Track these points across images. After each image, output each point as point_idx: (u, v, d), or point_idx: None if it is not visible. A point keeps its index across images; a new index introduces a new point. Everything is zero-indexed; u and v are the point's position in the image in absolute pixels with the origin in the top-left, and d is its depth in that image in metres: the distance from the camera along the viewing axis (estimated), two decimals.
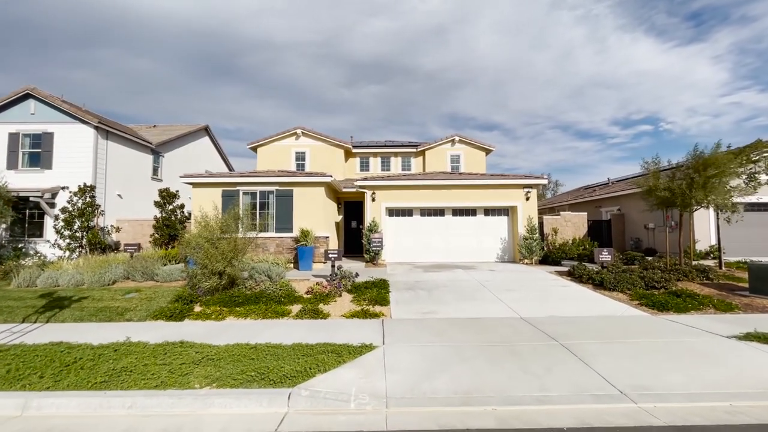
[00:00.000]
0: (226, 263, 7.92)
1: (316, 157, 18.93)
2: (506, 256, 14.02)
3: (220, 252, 7.75)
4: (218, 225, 8.21)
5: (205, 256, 7.74)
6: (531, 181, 13.59)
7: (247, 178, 12.71)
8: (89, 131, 14.96)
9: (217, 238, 7.93)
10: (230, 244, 7.98)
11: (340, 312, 7.25)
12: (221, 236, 8.11)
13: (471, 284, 9.55)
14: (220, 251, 7.75)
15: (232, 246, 8.02)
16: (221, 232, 8.16)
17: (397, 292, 8.64)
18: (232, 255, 8.01)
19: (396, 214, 14.19)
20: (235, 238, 8.15)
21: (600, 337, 5.57)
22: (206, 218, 8.36)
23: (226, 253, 7.86)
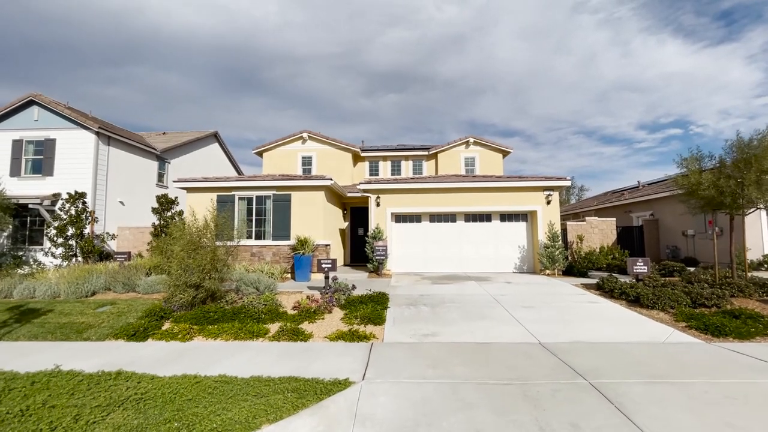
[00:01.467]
0: (203, 275, 7.05)
1: (323, 161, 18.15)
2: (525, 267, 12.69)
3: (196, 263, 6.89)
4: (196, 233, 7.36)
5: (179, 267, 6.90)
6: (552, 183, 12.29)
7: (243, 182, 11.98)
8: (90, 137, 14.66)
9: (193, 248, 7.08)
10: (207, 254, 7.11)
11: (325, 332, 6.23)
12: (200, 245, 7.25)
13: (483, 299, 8.36)
14: (196, 262, 6.89)
15: (209, 257, 7.14)
16: (199, 240, 7.31)
17: (396, 309, 7.55)
18: (210, 266, 7.14)
19: (403, 220, 13.12)
20: (213, 248, 7.27)
21: (642, 374, 4.33)
22: (183, 224, 7.55)
23: (203, 265, 7.00)
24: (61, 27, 56.09)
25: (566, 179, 12.22)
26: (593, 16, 63.96)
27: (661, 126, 72.00)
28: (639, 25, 65.75)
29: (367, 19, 64.37)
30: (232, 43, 66.46)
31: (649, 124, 72.96)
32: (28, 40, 58.23)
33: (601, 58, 68.84)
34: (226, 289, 9.15)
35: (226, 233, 8.03)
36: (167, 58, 70.66)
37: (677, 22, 69.21)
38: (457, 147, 18.87)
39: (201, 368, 4.62)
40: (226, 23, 59.61)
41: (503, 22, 64.98)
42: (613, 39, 66.64)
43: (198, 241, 7.21)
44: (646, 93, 71.77)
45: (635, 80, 69.85)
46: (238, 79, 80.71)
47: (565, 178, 12.23)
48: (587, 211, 22.02)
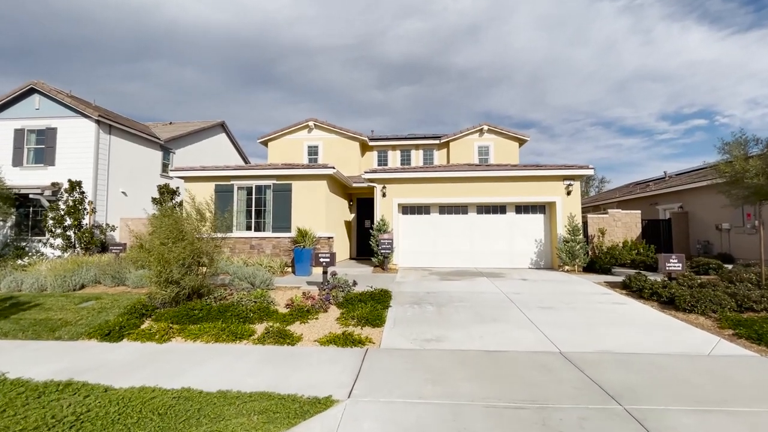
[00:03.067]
0: (185, 270, 6.48)
1: (329, 151, 17.47)
2: (542, 262, 11.81)
3: (174, 257, 6.31)
4: (175, 223, 6.77)
5: (158, 262, 6.33)
6: (573, 172, 11.32)
7: (242, 171, 11.40)
8: (90, 125, 14.31)
9: (173, 240, 6.50)
10: (187, 247, 6.51)
11: (316, 335, 5.59)
12: (181, 237, 6.67)
13: (495, 298, 7.59)
14: (174, 256, 6.31)
15: (189, 249, 6.55)
16: (180, 232, 6.72)
17: (399, 308, 6.86)
18: (191, 260, 6.56)
19: (410, 212, 12.37)
20: (192, 240, 6.67)
21: (690, 398, 3.53)
22: (165, 214, 6.98)
23: (182, 258, 6.41)
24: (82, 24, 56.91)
25: (588, 167, 11.23)
26: (613, 3, 61.09)
27: (684, 117, 68.72)
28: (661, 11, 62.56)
29: (380, 10, 63.04)
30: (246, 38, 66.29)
31: (671, 115, 69.74)
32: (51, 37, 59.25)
33: (621, 47, 65.86)
34: (218, 283, 8.63)
35: (215, 223, 7.42)
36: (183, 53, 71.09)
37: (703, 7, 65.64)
38: (470, 135, 17.92)
39: (167, 378, 4.02)
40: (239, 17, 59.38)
41: (519, 12, 62.76)
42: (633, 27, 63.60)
43: (179, 232, 6.62)
44: (668, 82, 68.59)
45: (657, 69, 66.74)
46: (252, 73, 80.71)
47: (587, 167, 11.24)
48: (608, 203, 20.81)
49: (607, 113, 74.04)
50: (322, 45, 69.41)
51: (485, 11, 61.79)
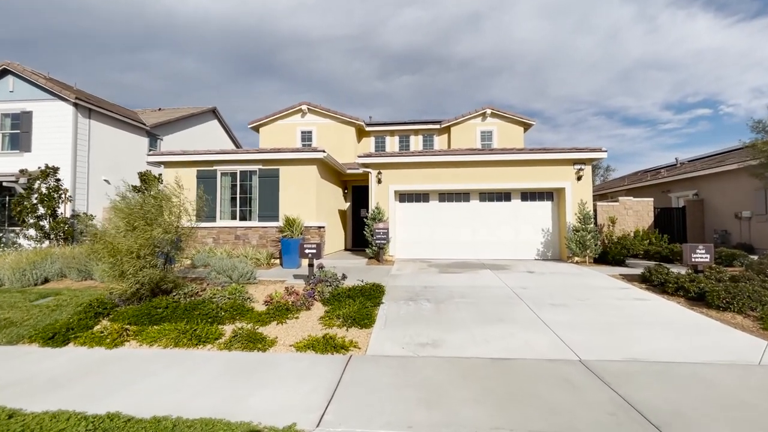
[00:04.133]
0: (142, 263, 5.67)
1: (324, 136, 16.56)
2: (549, 253, 11.00)
3: (126, 247, 5.50)
4: (136, 209, 5.95)
5: (107, 253, 5.53)
6: (584, 155, 10.43)
7: (226, 155, 10.55)
8: (67, 108, 13.42)
9: (129, 228, 5.68)
10: (140, 237, 5.65)
11: (294, 338, 4.81)
12: (146, 224, 5.85)
13: (500, 293, 6.80)
14: (126, 246, 5.50)
15: (144, 239, 5.70)
16: (144, 220, 5.90)
17: (392, 305, 6.07)
18: (148, 251, 5.74)
19: (408, 200, 11.53)
20: (144, 228, 5.81)
21: (756, 427, 2.74)
22: (124, 200, 6.14)
23: (137, 249, 5.60)
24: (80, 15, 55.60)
25: (601, 150, 10.34)
26: None
27: (688, 106, 67.31)
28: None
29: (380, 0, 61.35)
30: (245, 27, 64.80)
31: (675, 104, 68.34)
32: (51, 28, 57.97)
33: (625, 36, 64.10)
34: (194, 276, 7.86)
35: (186, 210, 6.60)
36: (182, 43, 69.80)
37: None
38: (472, 119, 16.97)
39: (98, 397, 3.25)
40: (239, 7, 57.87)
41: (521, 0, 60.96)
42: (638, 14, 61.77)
43: (140, 220, 5.80)
44: (673, 71, 67.04)
45: (662, 58, 65.14)
46: (252, 63, 79.27)
47: (599, 149, 10.35)
48: (617, 191, 19.92)
49: (610, 103, 72.66)
50: (322, 35, 67.92)
51: None
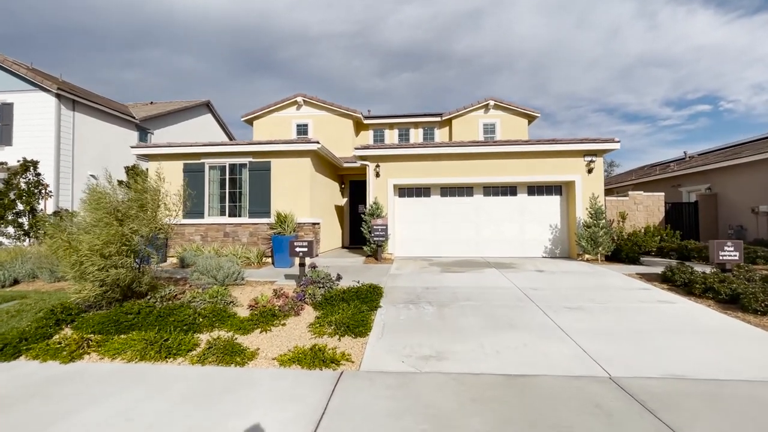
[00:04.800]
0: (107, 263, 5.06)
1: (320, 129, 15.90)
2: (558, 251, 10.40)
3: (88, 247, 4.89)
4: (104, 203, 5.33)
5: (66, 252, 4.93)
6: (596, 146, 9.80)
7: (214, 147, 9.91)
8: (50, 100, 12.78)
9: (94, 224, 5.07)
10: (103, 233, 5.03)
11: (278, 350, 4.21)
12: (107, 221, 5.24)
13: (510, 295, 6.20)
14: (88, 245, 4.89)
15: (109, 236, 5.08)
16: (113, 215, 5.28)
17: (391, 309, 5.47)
18: (115, 250, 5.13)
19: (408, 194, 10.92)
20: (118, 226, 5.20)
21: None
22: (95, 193, 5.53)
23: (101, 248, 4.98)
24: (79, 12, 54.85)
25: (614, 140, 9.70)
26: None
27: (688, 102, 66.95)
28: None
29: None
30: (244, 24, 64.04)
31: (675, 101, 68.00)
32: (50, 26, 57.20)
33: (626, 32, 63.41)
34: (178, 277, 7.27)
35: (166, 204, 6.00)
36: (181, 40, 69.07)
37: None
38: (474, 111, 16.32)
39: (40, 427, 2.66)
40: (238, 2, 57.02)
41: None
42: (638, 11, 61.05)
43: (108, 215, 5.19)
44: (673, 68, 66.55)
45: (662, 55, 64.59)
46: (252, 60, 78.59)
47: (612, 139, 9.71)
48: (623, 186, 19.30)
49: (610, 99, 72.26)
50: (322, 32, 67.09)
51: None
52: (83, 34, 62.99)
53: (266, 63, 79.59)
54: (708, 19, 60.87)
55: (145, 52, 69.52)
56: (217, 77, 79.25)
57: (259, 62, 79.59)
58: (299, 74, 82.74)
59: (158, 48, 69.82)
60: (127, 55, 69.09)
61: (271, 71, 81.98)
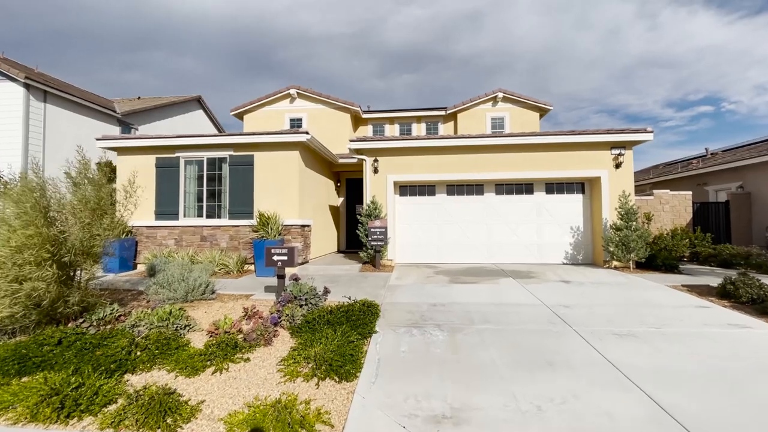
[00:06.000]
0: (20, 276, 3.88)
1: (316, 124, 14.72)
2: (580, 256, 9.18)
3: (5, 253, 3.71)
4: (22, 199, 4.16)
5: None
6: (624, 137, 8.59)
7: (190, 139, 8.74)
8: (17, 90, 11.65)
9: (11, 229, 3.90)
10: (15, 238, 3.87)
11: (231, 402, 3.02)
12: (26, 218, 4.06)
13: (536, 315, 5.00)
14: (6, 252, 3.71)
15: (28, 241, 3.91)
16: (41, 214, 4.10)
17: (389, 336, 4.28)
18: (31, 258, 3.94)
19: (410, 193, 9.73)
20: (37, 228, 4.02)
21: None
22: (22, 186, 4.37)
23: (8, 256, 3.81)
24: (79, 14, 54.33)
25: (646, 130, 8.48)
26: None
27: (690, 103, 66.15)
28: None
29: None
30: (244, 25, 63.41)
31: (677, 102, 67.25)
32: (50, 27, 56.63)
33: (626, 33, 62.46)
34: (137, 290, 6.12)
35: (105, 202, 4.83)
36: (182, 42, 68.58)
37: None
38: (481, 105, 15.12)
39: None
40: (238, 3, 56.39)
41: None
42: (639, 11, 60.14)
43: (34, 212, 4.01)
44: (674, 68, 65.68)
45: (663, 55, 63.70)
46: (252, 62, 77.94)
47: (644, 129, 8.49)
48: (640, 185, 18.05)
49: (611, 100, 71.51)
50: (322, 33, 66.26)
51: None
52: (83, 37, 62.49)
53: (265, 64, 78.92)
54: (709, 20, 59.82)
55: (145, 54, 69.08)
56: (216, 78, 78.60)
57: (258, 63, 78.97)
58: (298, 75, 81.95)
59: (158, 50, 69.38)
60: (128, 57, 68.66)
61: (270, 72, 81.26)
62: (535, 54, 70.09)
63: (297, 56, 77.27)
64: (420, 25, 63.16)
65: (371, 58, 78.14)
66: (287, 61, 78.94)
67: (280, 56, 78.26)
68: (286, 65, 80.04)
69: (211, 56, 74.46)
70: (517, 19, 61.55)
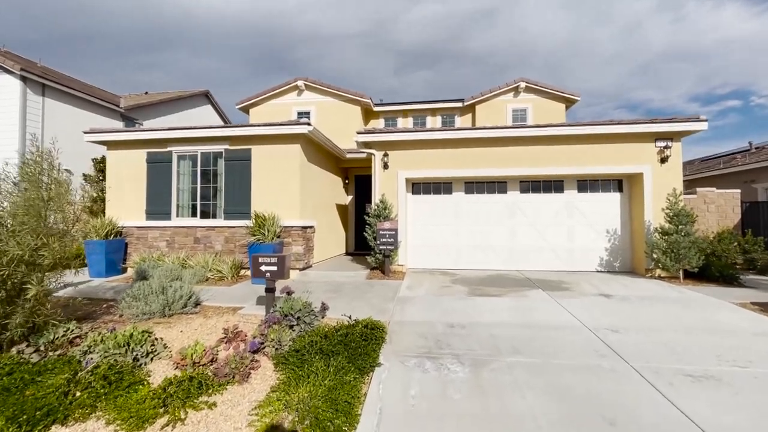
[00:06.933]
0: None
1: (324, 117, 13.91)
2: (617, 263, 8.09)
3: None
4: None
5: None
6: (672, 127, 7.45)
7: (182, 132, 8.00)
8: (13, 83, 11.19)
9: None
10: None
11: None
12: None
13: (579, 343, 4.03)
14: None
15: None
16: None
17: (396, 371, 3.40)
18: None
19: (424, 191, 8.80)
20: None
21: None
22: None
23: None
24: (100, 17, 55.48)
25: (698, 118, 7.32)
26: None
27: (716, 98, 62.80)
28: None
29: None
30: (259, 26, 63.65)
31: (702, 96, 63.99)
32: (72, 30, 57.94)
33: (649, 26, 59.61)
34: (111, 300, 5.41)
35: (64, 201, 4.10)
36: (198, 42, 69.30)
37: None
38: (502, 96, 14.01)
39: None
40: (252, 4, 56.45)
41: None
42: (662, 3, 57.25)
43: None
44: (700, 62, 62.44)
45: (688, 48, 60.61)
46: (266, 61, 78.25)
47: (697, 117, 7.33)
48: None
49: (632, 96, 68.77)
50: (335, 32, 65.74)
51: None
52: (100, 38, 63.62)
53: (280, 63, 79.05)
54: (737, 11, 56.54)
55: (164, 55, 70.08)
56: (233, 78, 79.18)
57: (274, 63, 79.14)
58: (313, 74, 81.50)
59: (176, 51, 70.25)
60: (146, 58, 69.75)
61: (284, 72, 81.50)
62: (552, 50, 67.91)
63: (310, 55, 77.10)
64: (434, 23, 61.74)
65: (384, 56, 77.20)
66: (301, 61, 78.93)
67: (294, 56, 78.20)
68: (299, 64, 79.91)
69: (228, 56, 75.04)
70: (534, 13, 59.56)
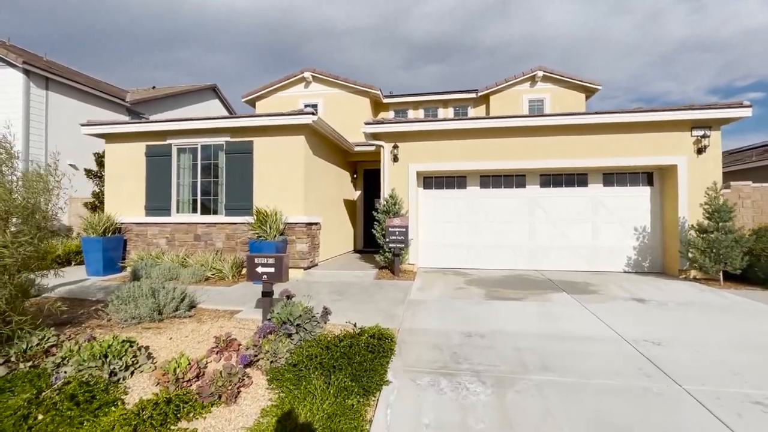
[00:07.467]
0: None
1: (332, 109, 13.45)
2: (647, 263, 7.47)
3: None
4: None
5: None
6: (711, 114, 6.77)
7: (181, 124, 7.62)
8: (16, 76, 11.00)
9: None
10: None
11: None
12: None
13: (616, 358, 3.50)
14: None
15: None
16: None
17: (407, 391, 2.94)
18: None
19: (436, 185, 8.28)
20: None
21: None
22: None
23: None
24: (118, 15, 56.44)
25: (742, 104, 6.63)
26: None
27: (737, 90, 60.57)
28: None
29: None
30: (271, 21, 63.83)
31: (722, 88, 61.78)
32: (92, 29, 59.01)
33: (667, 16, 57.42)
34: (104, 304, 5.07)
35: None
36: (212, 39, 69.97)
37: None
38: (518, 85, 13.34)
39: None
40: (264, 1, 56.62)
41: None
42: None
43: None
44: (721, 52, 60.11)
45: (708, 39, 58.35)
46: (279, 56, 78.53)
47: (739, 103, 6.64)
48: None
49: (649, 88, 66.75)
50: (348, 26, 65.35)
51: None
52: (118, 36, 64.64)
53: (292, 58, 79.23)
54: None
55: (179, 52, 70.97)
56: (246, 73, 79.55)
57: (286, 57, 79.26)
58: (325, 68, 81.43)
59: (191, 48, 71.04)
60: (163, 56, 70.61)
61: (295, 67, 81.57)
62: (566, 42, 66.23)
63: (321, 50, 76.90)
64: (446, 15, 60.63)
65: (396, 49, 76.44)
66: (313, 55, 78.83)
67: (305, 50, 78.08)
68: (309, 60, 79.95)
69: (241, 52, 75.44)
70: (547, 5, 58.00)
